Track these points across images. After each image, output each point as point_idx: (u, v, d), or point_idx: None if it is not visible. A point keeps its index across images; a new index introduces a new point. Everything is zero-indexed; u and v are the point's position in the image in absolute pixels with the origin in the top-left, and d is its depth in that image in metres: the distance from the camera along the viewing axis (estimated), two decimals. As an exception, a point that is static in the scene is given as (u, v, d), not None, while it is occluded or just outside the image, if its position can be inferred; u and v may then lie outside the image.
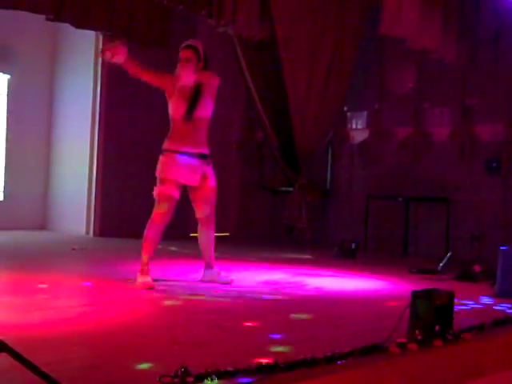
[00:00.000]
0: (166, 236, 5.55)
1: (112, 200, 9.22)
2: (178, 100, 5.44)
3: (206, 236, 5.62)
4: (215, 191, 5.58)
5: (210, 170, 5.53)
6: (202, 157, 5.47)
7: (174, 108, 5.46)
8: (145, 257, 5.35)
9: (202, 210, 5.55)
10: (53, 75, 9.99)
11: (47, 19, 7.67)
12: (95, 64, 9.40)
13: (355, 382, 3.10)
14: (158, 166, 5.43)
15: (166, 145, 5.44)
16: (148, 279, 5.25)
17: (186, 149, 5.39)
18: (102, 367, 2.96)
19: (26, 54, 9.52)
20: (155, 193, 5.40)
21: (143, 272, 5.30)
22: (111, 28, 8.31)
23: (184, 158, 5.38)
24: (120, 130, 9.32)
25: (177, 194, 5.41)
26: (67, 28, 8.30)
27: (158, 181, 5.43)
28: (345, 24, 8.73)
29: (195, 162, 5.42)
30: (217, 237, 5.74)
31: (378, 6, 7.55)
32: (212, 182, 5.54)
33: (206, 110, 5.49)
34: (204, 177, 5.48)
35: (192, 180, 5.43)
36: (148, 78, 5.53)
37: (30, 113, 9.73)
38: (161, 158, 5.45)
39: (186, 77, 5.45)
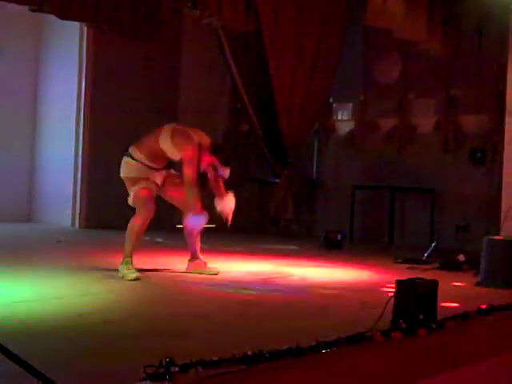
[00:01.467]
0: (151, 227, 5.55)
1: (98, 192, 9.19)
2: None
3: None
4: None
5: (171, 171, 5.63)
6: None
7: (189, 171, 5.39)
8: (129, 248, 5.35)
9: (178, 205, 5.59)
10: (37, 65, 9.94)
11: (30, 10, 7.60)
12: (80, 53, 9.36)
13: (340, 371, 3.12)
14: (126, 167, 5.49)
15: (133, 152, 5.47)
16: (132, 270, 5.25)
17: (151, 164, 5.47)
18: (86, 359, 2.96)
19: (11, 44, 9.44)
20: (134, 197, 5.43)
21: (128, 263, 5.30)
22: (96, 20, 8.26)
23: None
24: (106, 121, 9.29)
25: (154, 189, 5.45)
26: (52, 18, 8.23)
27: (129, 182, 5.46)
28: (330, 15, 8.74)
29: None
30: (204, 228, 5.74)
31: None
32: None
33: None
34: (167, 176, 5.56)
35: (158, 178, 5.50)
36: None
37: (14, 103, 9.67)
38: (125, 159, 5.52)
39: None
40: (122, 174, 5.55)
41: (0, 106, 9.46)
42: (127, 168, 5.51)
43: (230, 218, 5.59)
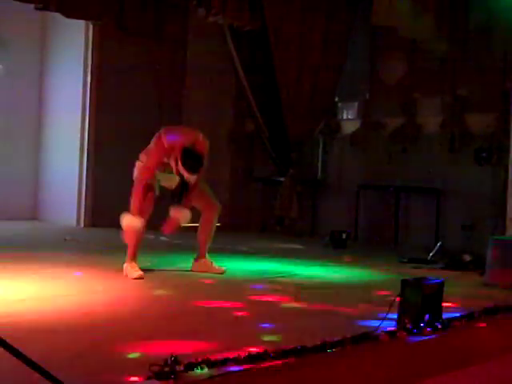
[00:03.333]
0: (156, 226, 5.55)
1: (103, 190, 9.18)
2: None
3: (202, 225, 5.64)
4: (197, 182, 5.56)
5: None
6: None
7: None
8: (132, 247, 5.36)
9: (194, 202, 5.59)
10: (43, 64, 9.93)
11: (36, 8, 7.61)
12: (85, 52, 9.35)
13: (345, 371, 3.11)
14: (138, 170, 5.54)
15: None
16: (137, 269, 5.25)
17: None
18: (91, 357, 2.96)
19: (16, 43, 9.45)
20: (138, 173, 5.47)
21: (131, 261, 5.30)
22: (102, 18, 8.27)
23: None
24: (111, 119, 9.27)
25: (155, 191, 5.47)
26: (57, 16, 8.25)
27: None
28: (336, 13, 8.72)
29: None
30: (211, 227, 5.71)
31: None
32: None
33: None
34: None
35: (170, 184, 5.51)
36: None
37: (19, 102, 9.67)
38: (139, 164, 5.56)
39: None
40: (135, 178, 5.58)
41: (5, 106, 9.46)
42: (137, 170, 5.55)
43: (169, 229, 5.45)
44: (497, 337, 4.07)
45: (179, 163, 5.21)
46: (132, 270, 5.24)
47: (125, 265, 5.30)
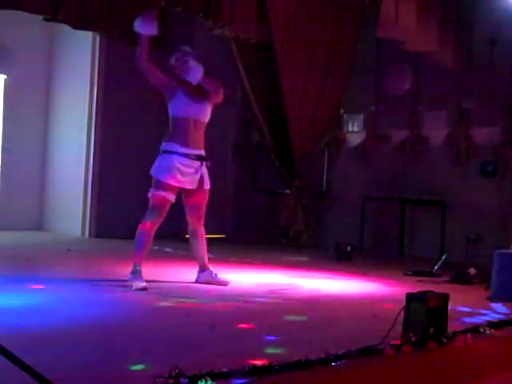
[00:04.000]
0: (161, 237, 5.55)
1: (108, 201, 9.21)
2: (186, 99, 5.43)
3: (197, 238, 5.62)
4: (208, 194, 5.56)
5: (206, 173, 5.52)
6: (201, 159, 5.46)
7: (178, 106, 5.43)
8: (138, 258, 5.35)
9: (195, 213, 5.56)
10: (50, 76, 9.98)
11: (44, 19, 7.65)
12: (92, 64, 9.40)
13: (350, 384, 3.10)
14: (156, 166, 5.39)
15: (165, 145, 5.40)
16: (141, 280, 5.25)
17: (185, 150, 5.35)
18: (95, 368, 2.95)
19: (23, 54, 9.50)
20: (151, 196, 5.37)
21: (136, 272, 5.30)
22: (109, 29, 8.30)
23: (183, 160, 5.35)
24: (117, 130, 9.31)
25: (173, 198, 5.39)
26: (64, 28, 8.28)
27: (154, 181, 5.40)
28: (342, 26, 8.75)
29: (194, 164, 5.40)
30: (213, 238, 5.74)
31: (375, 9, 7.55)
32: (207, 185, 5.53)
33: (206, 113, 5.51)
34: (201, 180, 5.47)
35: (190, 183, 5.42)
36: (155, 74, 5.48)
37: (26, 113, 9.71)
38: (159, 158, 5.42)
39: (196, 74, 5.47)
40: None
41: (12, 114, 9.50)
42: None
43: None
44: (502, 351, 4.05)
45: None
46: (137, 281, 5.23)
47: (130, 275, 5.30)
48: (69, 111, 9.73)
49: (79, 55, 9.57)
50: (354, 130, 9.97)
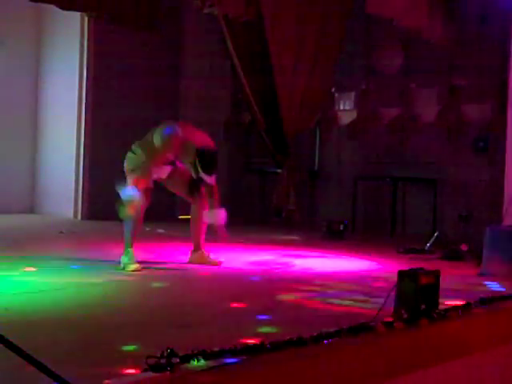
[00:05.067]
0: (153, 218, 5.55)
1: (100, 183, 9.17)
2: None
3: (192, 217, 5.62)
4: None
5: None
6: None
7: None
8: (128, 238, 5.35)
9: (183, 192, 5.56)
10: (38, 58, 9.91)
11: (31, 0, 7.57)
12: (81, 46, 9.34)
13: (342, 362, 3.11)
14: (129, 161, 5.49)
15: (138, 151, 5.46)
16: (133, 261, 5.25)
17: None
18: (88, 350, 2.96)
19: (11, 37, 9.42)
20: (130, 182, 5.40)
21: (128, 254, 5.30)
22: (97, 10, 8.23)
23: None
24: (108, 111, 9.27)
25: (151, 181, 5.43)
26: (52, 10, 8.21)
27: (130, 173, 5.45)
28: (331, 4, 8.68)
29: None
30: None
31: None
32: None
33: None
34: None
35: (162, 173, 5.47)
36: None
37: (16, 96, 9.65)
38: (130, 155, 5.52)
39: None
40: (125, 169, 5.53)
41: (1, 99, 9.43)
42: (129, 162, 5.51)
43: (220, 232, 5.51)
44: (493, 327, 4.08)
45: (198, 167, 5.22)
46: (129, 262, 5.24)
47: (122, 257, 5.30)
48: (59, 95, 9.67)
49: (68, 41, 9.51)
50: (346, 109, 9.94)
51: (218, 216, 5.46)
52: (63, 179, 9.50)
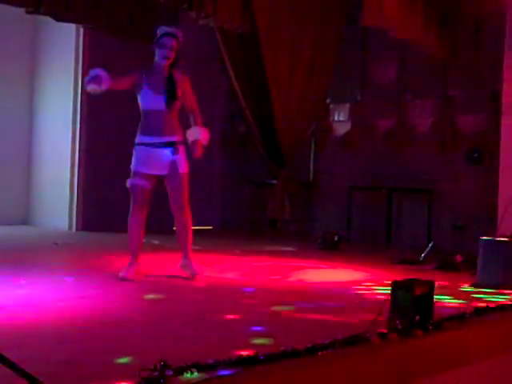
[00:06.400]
0: (148, 230, 5.54)
1: (95, 195, 9.17)
2: (149, 92, 5.53)
3: (179, 224, 5.60)
4: (186, 178, 5.53)
5: (179, 158, 5.51)
6: (169, 145, 5.47)
7: (145, 100, 5.54)
8: (130, 249, 5.42)
9: (174, 199, 5.56)
10: (33, 69, 9.91)
11: (27, 12, 7.60)
12: (76, 56, 9.34)
13: (336, 373, 3.10)
14: (132, 159, 5.55)
15: (136, 138, 5.54)
16: (127, 271, 5.28)
17: (149, 139, 5.45)
18: (80, 362, 2.94)
19: (5, 47, 9.42)
20: (127, 185, 5.51)
21: (130, 262, 5.37)
22: (93, 21, 8.26)
23: (148, 150, 5.44)
24: (103, 122, 9.26)
25: (147, 185, 5.45)
26: (47, 20, 8.23)
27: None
28: (327, 15, 8.72)
29: (162, 151, 5.44)
30: (200, 230, 5.71)
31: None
32: (182, 169, 5.51)
33: (169, 103, 5.57)
34: (173, 165, 5.47)
35: (158, 169, 5.46)
36: (122, 86, 5.78)
37: (10, 107, 9.64)
38: (133, 151, 5.56)
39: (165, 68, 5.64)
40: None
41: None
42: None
43: (198, 149, 5.58)
44: (488, 337, 4.07)
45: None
46: (124, 268, 5.27)
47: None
48: (54, 104, 9.66)
49: (63, 48, 9.50)
50: (340, 120, 9.96)
51: (200, 133, 5.64)
52: (58, 190, 9.47)
